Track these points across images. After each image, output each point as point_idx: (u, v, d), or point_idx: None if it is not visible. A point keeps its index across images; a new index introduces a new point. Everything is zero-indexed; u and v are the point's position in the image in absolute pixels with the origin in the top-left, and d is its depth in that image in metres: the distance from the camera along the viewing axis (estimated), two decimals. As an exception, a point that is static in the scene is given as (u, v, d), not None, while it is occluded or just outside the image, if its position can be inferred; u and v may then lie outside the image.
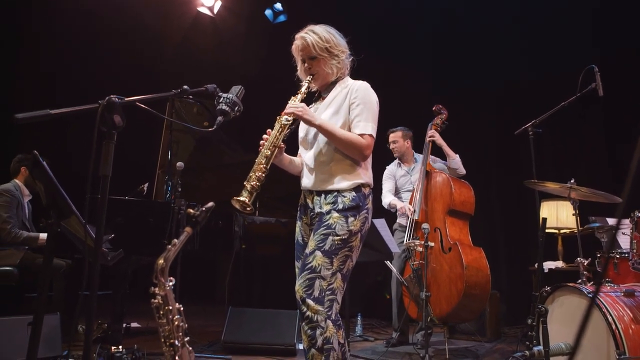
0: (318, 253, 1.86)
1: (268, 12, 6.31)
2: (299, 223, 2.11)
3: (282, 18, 6.33)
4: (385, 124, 2.09)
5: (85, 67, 6.12)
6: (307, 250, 1.91)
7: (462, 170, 3.92)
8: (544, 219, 2.36)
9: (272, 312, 3.50)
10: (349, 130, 1.97)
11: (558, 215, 3.80)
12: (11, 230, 3.43)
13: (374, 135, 1.97)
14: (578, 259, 2.64)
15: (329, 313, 1.83)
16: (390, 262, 3.68)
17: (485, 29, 5.27)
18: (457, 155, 3.93)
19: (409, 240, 3.62)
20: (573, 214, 2.76)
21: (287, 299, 4.31)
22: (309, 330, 1.82)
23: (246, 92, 1.88)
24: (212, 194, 4.42)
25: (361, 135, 1.94)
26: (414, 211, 3.70)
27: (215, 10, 6.25)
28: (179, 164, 3.21)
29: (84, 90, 5.86)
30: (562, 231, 3.93)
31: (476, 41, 5.32)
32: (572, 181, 2.72)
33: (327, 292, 1.84)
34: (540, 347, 2.04)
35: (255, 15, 6.41)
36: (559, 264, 3.76)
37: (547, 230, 3.44)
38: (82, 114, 1.45)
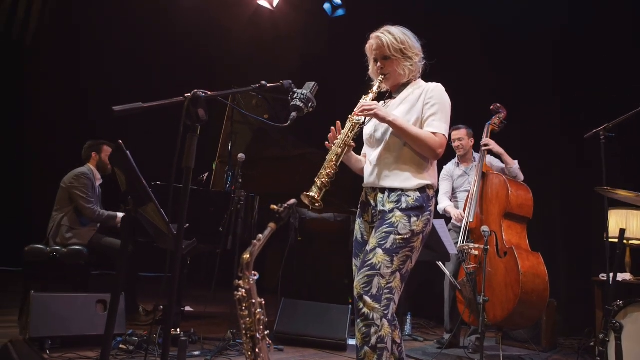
0: (379, 251, 1.86)
1: (327, 6, 6.31)
2: (359, 220, 2.11)
3: (340, 12, 6.31)
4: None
5: (145, 59, 6.37)
6: (368, 248, 1.91)
7: (521, 177, 3.80)
8: (622, 230, 2.24)
9: (324, 305, 3.52)
10: (421, 128, 1.96)
11: (628, 224, 3.60)
12: (94, 209, 3.65)
13: (447, 137, 1.96)
14: (653, 273, 2.49)
15: (386, 312, 1.81)
16: (444, 264, 3.62)
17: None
18: (516, 162, 3.81)
19: (464, 242, 3.55)
20: (648, 225, 2.61)
21: (337, 293, 4.35)
22: (363, 328, 1.81)
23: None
24: (266, 184, 4.50)
25: (434, 133, 1.92)
26: (469, 214, 3.61)
27: (275, 4, 6.31)
28: (241, 155, 3.27)
29: (145, 80, 6.14)
30: (630, 242, 3.72)
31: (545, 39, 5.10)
32: (649, 190, 2.56)
33: (385, 291, 1.83)
34: (612, 364, 1.95)
35: (314, 8, 6.43)
36: (627, 276, 3.57)
37: (612, 240, 3.25)
38: (168, 107, 1.50)
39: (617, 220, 3.66)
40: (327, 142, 2.00)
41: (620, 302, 2.30)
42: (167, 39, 6.39)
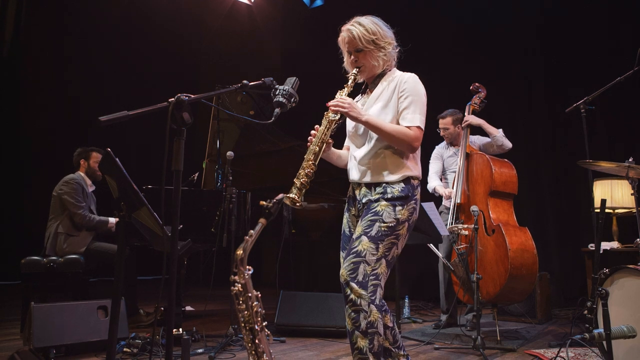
0: (364, 238, 1.88)
1: (305, -3, 6.29)
2: (346, 215, 2.13)
3: (318, 3, 6.29)
4: (431, 106, 2.07)
5: (125, 55, 6.33)
6: (354, 236, 1.93)
7: (508, 144, 3.83)
8: (603, 200, 2.30)
9: (323, 295, 3.58)
10: (398, 122, 1.97)
11: (612, 194, 3.69)
12: (84, 214, 3.64)
13: (423, 128, 1.96)
14: (637, 239, 2.57)
15: (373, 297, 1.84)
16: (436, 246, 3.68)
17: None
18: (500, 130, 3.85)
19: (453, 224, 3.61)
20: (631, 194, 2.69)
21: (334, 282, 4.40)
22: (352, 313, 1.84)
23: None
24: (258, 180, 4.53)
25: (409, 127, 1.93)
26: (456, 195, 3.67)
27: (253, -1, 6.29)
28: (229, 153, 3.29)
29: (128, 79, 6.11)
30: (616, 211, 3.81)
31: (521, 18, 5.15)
32: (630, 160, 2.63)
33: (371, 277, 1.85)
34: (601, 330, 2.02)
35: (292, 0, 6.41)
36: (614, 244, 3.66)
37: (598, 211, 3.33)
38: (154, 113, 1.53)
39: (603, 191, 3.75)
40: (308, 143, 2.02)
41: (607, 270, 2.37)
42: (148, 38, 6.36)
